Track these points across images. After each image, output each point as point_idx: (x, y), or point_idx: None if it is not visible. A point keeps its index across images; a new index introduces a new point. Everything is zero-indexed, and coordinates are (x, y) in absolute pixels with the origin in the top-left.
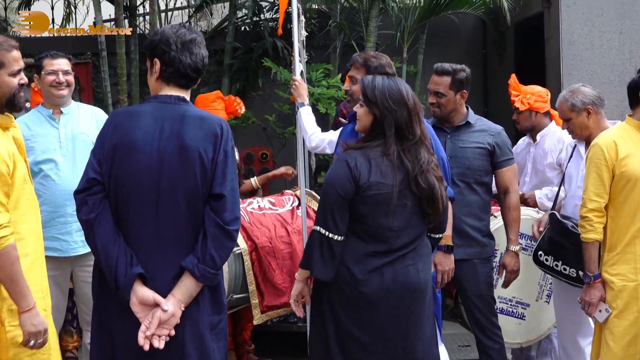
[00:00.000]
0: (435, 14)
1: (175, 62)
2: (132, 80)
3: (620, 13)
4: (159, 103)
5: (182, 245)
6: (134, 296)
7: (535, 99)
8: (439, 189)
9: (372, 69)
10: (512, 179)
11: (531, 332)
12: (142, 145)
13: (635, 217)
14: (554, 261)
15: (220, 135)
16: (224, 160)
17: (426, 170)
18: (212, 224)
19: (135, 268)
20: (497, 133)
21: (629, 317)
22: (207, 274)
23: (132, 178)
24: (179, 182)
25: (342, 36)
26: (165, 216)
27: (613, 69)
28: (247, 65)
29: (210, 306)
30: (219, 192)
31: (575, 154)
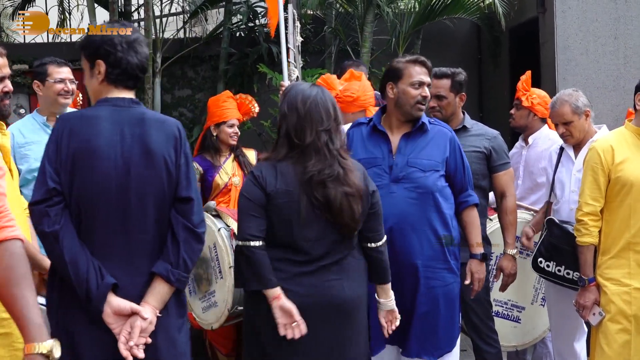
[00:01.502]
0: (430, 19)
1: (123, 63)
2: None
3: (615, 18)
4: (113, 107)
5: (151, 252)
6: (108, 307)
7: (539, 101)
8: (337, 200)
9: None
10: (509, 183)
11: (526, 335)
12: (105, 152)
13: (629, 222)
14: (556, 266)
15: (180, 137)
16: (186, 163)
17: (319, 180)
18: (181, 227)
19: (107, 278)
20: (494, 137)
21: (622, 321)
22: (182, 278)
23: (99, 186)
24: (147, 187)
25: (338, 42)
26: (134, 223)
27: (608, 73)
28: (242, 71)
29: (176, 309)
30: (186, 196)
31: (564, 159)
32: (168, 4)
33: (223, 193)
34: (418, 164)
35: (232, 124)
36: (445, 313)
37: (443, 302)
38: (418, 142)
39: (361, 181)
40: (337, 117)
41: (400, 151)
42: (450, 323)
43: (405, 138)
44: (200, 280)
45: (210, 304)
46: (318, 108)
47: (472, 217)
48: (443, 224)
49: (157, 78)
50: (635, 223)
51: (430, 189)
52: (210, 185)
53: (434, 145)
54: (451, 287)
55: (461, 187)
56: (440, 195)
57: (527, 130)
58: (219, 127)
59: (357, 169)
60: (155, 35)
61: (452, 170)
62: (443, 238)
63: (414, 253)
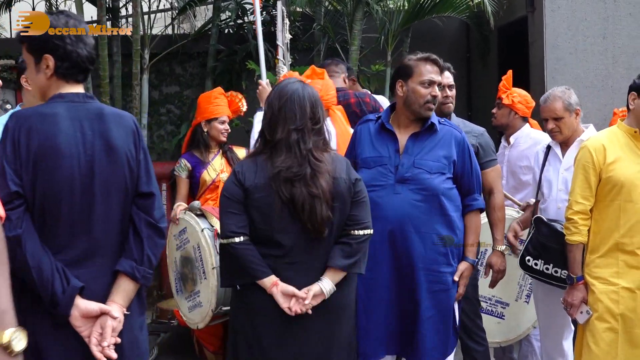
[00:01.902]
0: (420, 17)
1: (73, 56)
2: (115, 83)
3: (604, 18)
4: (68, 103)
5: (114, 250)
6: (76, 310)
7: (519, 100)
8: (300, 200)
9: None
10: (496, 180)
11: (510, 332)
12: (67, 150)
13: (619, 222)
14: (544, 265)
15: (137, 132)
16: (145, 157)
17: (286, 177)
18: (144, 223)
19: (73, 281)
20: (480, 134)
21: (610, 320)
22: (147, 274)
23: (63, 186)
24: (111, 185)
25: (326, 39)
26: (97, 222)
27: (596, 73)
28: (230, 68)
29: (138, 307)
30: (147, 191)
31: (551, 157)
32: (156, 1)
33: (211, 190)
34: (424, 165)
35: (223, 120)
36: (448, 315)
37: (446, 305)
38: (426, 143)
39: (330, 184)
40: (314, 116)
41: (408, 151)
42: (452, 325)
43: (413, 138)
44: (186, 279)
45: (196, 303)
46: (293, 105)
47: (474, 222)
48: (448, 226)
49: (145, 75)
50: (625, 223)
51: (436, 191)
52: (198, 181)
53: (442, 147)
54: (454, 290)
55: (468, 189)
56: (446, 197)
57: (509, 129)
58: (210, 124)
59: (337, 162)
60: (144, 32)
61: (460, 172)
62: (444, 238)
63: (416, 256)
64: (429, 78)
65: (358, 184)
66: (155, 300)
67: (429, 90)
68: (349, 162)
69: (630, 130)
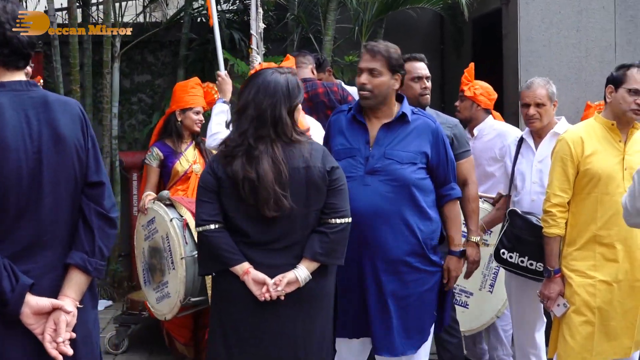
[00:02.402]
0: (394, 8)
1: (14, 41)
2: (85, 70)
3: (578, 11)
4: (11, 92)
5: (63, 243)
6: (27, 308)
7: (481, 92)
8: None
9: (394, 60)
10: (470, 171)
11: (474, 321)
12: (13, 142)
13: (596, 215)
14: (519, 257)
15: (84, 119)
16: (93, 145)
17: (223, 152)
18: (94, 214)
19: (23, 279)
20: (454, 125)
21: (587, 313)
22: (99, 267)
23: (10, 180)
24: (60, 175)
25: (300, 29)
26: (47, 214)
27: (570, 65)
28: (203, 57)
29: (90, 301)
30: (97, 180)
31: (524, 150)
32: None
33: (182, 180)
34: (395, 156)
35: (198, 111)
36: (425, 306)
37: (422, 296)
38: (398, 133)
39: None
40: (258, 105)
41: (378, 142)
42: (427, 313)
43: (384, 129)
44: (154, 270)
45: (164, 294)
46: (245, 92)
47: (454, 212)
48: (420, 217)
49: (116, 63)
50: (602, 216)
51: (407, 182)
52: (169, 171)
53: (415, 137)
54: (429, 280)
55: (444, 180)
56: (417, 188)
57: (472, 121)
58: (185, 113)
59: (313, 151)
60: (115, 19)
61: (435, 162)
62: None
63: (388, 248)
64: (417, 74)
65: (334, 172)
66: (126, 291)
67: (419, 84)
68: (326, 150)
69: (607, 122)
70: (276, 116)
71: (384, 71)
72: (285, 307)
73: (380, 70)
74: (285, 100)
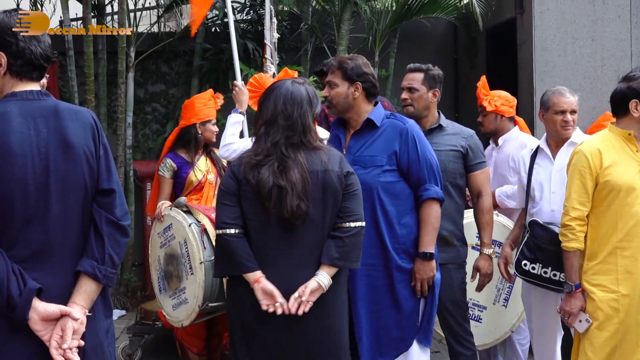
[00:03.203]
0: (407, 18)
1: (26, 53)
2: (100, 80)
3: (593, 20)
4: (21, 101)
5: (74, 250)
6: (34, 313)
7: (502, 102)
8: (267, 187)
9: (349, 70)
10: (485, 182)
11: (487, 336)
12: (19, 149)
13: (616, 227)
14: (542, 268)
15: (96, 127)
16: (105, 154)
17: (250, 163)
18: (105, 222)
19: (30, 283)
20: (470, 136)
21: (610, 328)
22: (109, 274)
23: (16, 185)
24: (68, 182)
25: (314, 39)
26: (56, 222)
27: (585, 75)
28: (217, 67)
29: (103, 310)
30: (108, 188)
31: (540, 159)
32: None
33: (196, 190)
34: (360, 161)
35: (214, 122)
36: (397, 312)
37: (392, 301)
38: (366, 139)
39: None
40: (285, 113)
41: (350, 150)
42: (404, 322)
43: (355, 136)
44: (170, 277)
45: (181, 300)
46: (268, 103)
47: (426, 213)
48: (386, 222)
49: (131, 73)
50: (622, 228)
51: (370, 185)
52: (183, 182)
53: (382, 140)
54: (400, 286)
55: (417, 180)
56: (384, 191)
57: (498, 132)
58: (205, 125)
59: (331, 156)
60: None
61: (405, 163)
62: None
63: None
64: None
65: (350, 177)
66: (139, 301)
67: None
68: (342, 156)
69: (624, 132)
70: (305, 125)
71: (339, 82)
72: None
73: (336, 82)
74: (310, 109)
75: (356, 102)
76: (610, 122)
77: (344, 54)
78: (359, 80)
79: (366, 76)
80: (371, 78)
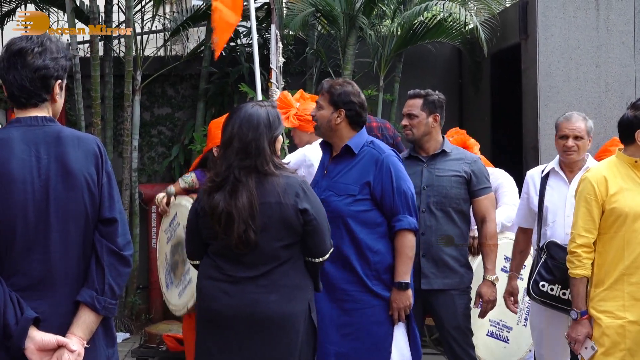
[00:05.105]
0: (412, 43)
1: (6, 82)
2: (106, 103)
3: (597, 46)
4: (24, 127)
5: (74, 278)
6: (31, 343)
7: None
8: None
9: (336, 96)
10: (489, 208)
11: (513, 356)
12: (20, 175)
13: (623, 254)
14: (561, 290)
15: (100, 155)
16: (108, 181)
17: (205, 188)
18: (106, 251)
19: (27, 312)
20: (474, 161)
21: (617, 354)
22: (109, 305)
23: (15, 213)
24: (68, 210)
25: (319, 63)
26: (56, 250)
27: (589, 101)
28: (223, 90)
29: (104, 340)
30: (109, 217)
31: (553, 182)
32: (149, 22)
33: None
34: (334, 188)
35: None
36: (369, 335)
37: (370, 329)
38: (344, 165)
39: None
40: (242, 138)
41: (329, 174)
42: (377, 346)
43: (334, 161)
44: (176, 266)
45: (186, 283)
46: (227, 126)
47: (400, 244)
48: (356, 250)
49: (137, 96)
50: (630, 254)
51: (340, 214)
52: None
53: (358, 168)
54: (373, 310)
55: (390, 211)
56: (355, 220)
57: None
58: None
59: (287, 187)
60: (136, 53)
61: (378, 193)
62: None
63: (328, 276)
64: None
65: (307, 213)
66: (144, 324)
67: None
68: (303, 186)
69: (630, 160)
70: (260, 148)
71: (325, 105)
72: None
73: (322, 105)
74: (267, 132)
75: (338, 128)
76: (618, 148)
77: (349, 78)
78: (344, 108)
79: (352, 104)
80: (357, 107)
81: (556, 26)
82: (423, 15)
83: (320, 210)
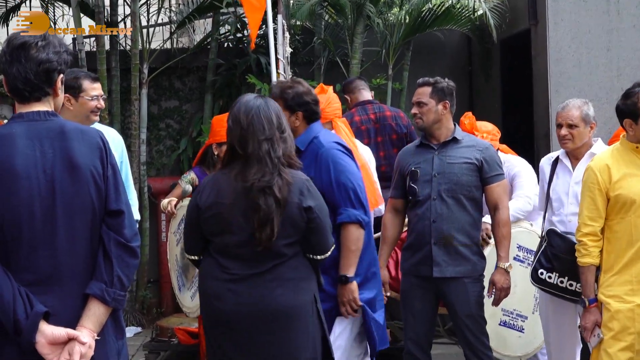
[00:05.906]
0: (421, 30)
1: (9, 77)
2: (113, 97)
3: (608, 30)
4: (27, 122)
5: (83, 272)
6: (42, 337)
7: (491, 137)
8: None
9: (289, 100)
10: (502, 195)
11: (529, 345)
12: (24, 171)
13: (632, 239)
14: (558, 277)
15: (104, 147)
16: (114, 174)
17: (259, 187)
18: (113, 243)
19: (37, 307)
20: (485, 148)
21: (626, 338)
22: (118, 297)
23: (22, 208)
24: (74, 204)
25: (327, 53)
26: (63, 244)
27: (601, 86)
28: (230, 82)
29: (114, 332)
30: (116, 209)
31: (560, 170)
32: (155, 14)
33: None
34: None
35: None
36: None
37: None
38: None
39: (290, 195)
40: (280, 126)
41: None
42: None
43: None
44: (187, 269)
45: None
46: (260, 119)
47: (343, 237)
48: None
49: (144, 89)
50: (638, 239)
51: None
52: None
53: (304, 166)
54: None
55: (333, 204)
56: None
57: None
58: (221, 147)
59: (296, 181)
60: (142, 46)
61: (319, 187)
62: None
63: None
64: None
65: (311, 211)
66: (155, 318)
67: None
68: (307, 184)
69: (632, 146)
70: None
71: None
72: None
73: None
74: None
75: (297, 129)
76: (622, 135)
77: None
78: (300, 110)
79: (307, 105)
80: (312, 106)
81: (566, 11)
82: (431, 3)
83: (323, 207)
